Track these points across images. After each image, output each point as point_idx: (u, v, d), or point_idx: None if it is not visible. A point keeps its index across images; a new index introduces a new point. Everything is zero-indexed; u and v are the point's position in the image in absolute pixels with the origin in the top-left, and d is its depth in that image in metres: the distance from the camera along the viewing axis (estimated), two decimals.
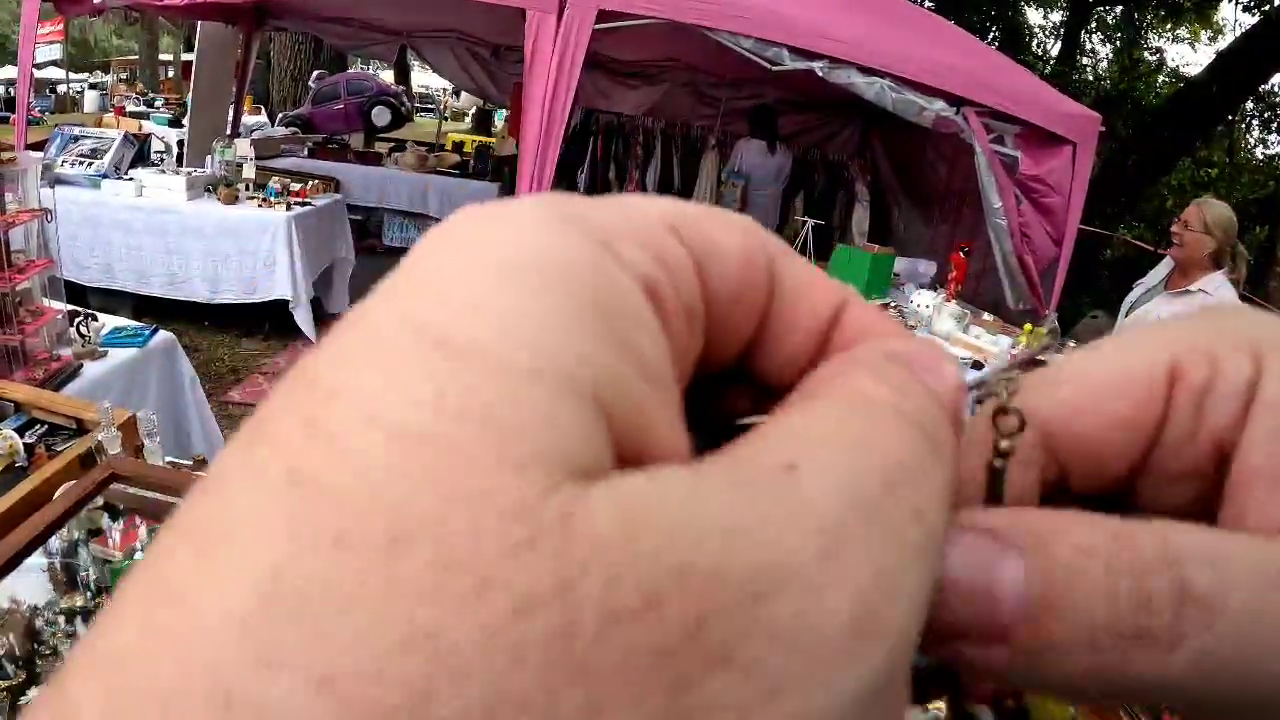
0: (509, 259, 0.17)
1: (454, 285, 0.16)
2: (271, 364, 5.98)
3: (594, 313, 0.16)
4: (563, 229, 0.18)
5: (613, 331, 0.16)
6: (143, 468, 1.95)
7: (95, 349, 3.17)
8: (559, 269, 0.17)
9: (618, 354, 0.16)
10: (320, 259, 6.57)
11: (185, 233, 5.72)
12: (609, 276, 0.17)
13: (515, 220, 0.18)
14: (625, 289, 0.17)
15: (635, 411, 0.16)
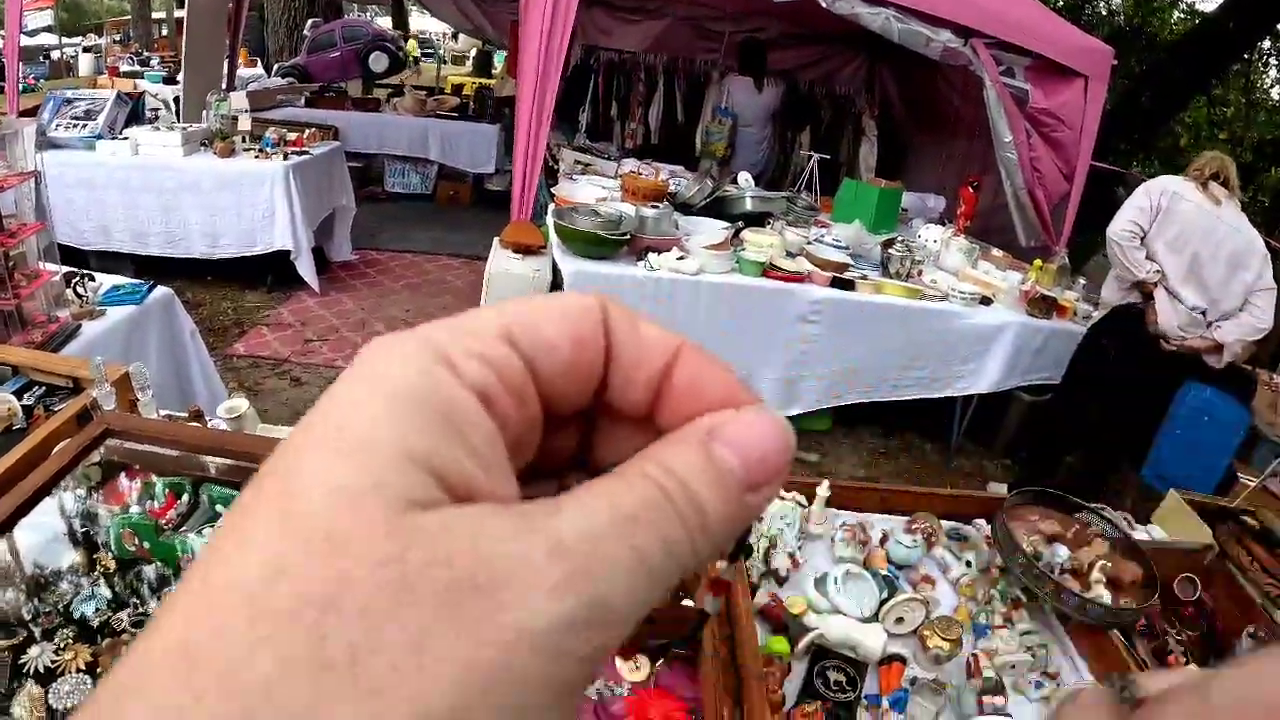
0: (384, 388, 0.25)
1: (350, 405, 0.25)
2: (275, 315, 6.01)
3: (436, 416, 0.25)
4: (421, 360, 0.26)
5: (448, 426, 0.25)
6: (137, 421, 1.96)
7: (93, 309, 3.16)
8: (415, 391, 0.25)
9: (450, 441, 0.25)
10: (320, 208, 6.54)
11: (182, 189, 5.68)
12: (449, 390, 0.26)
13: (393, 356, 0.27)
14: (461, 398, 0.26)
15: (464, 475, 0.24)
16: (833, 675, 1.60)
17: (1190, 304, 3.90)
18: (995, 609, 1.97)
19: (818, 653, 1.65)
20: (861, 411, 5.28)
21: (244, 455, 1.74)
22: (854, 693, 1.58)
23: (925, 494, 2.22)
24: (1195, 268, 3.86)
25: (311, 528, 0.22)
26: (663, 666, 1.49)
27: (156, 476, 1.76)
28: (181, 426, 1.97)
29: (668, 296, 4.40)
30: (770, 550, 1.86)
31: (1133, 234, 3.94)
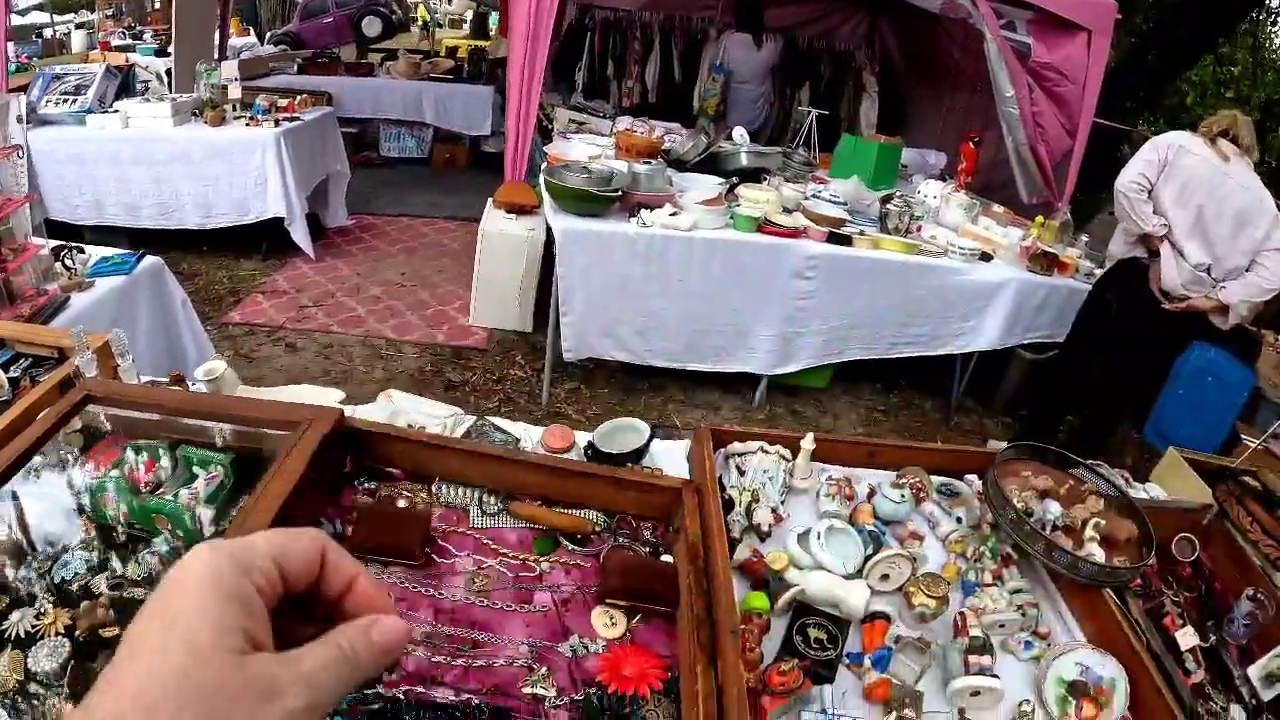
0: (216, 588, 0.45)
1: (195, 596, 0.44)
2: (270, 283, 5.99)
3: (244, 604, 0.45)
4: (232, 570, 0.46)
5: (250, 609, 0.46)
6: (116, 387, 1.95)
7: (81, 281, 3.14)
8: (233, 590, 0.45)
9: (251, 618, 0.45)
10: (313, 174, 6.50)
11: (173, 160, 5.64)
12: (249, 591, 0.46)
13: (216, 564, 0.46)
14: (254, 595, 0.47)
15: (256, 636, 0.45)
16: (813, 633, 1.58)
17: (1194, 260, 3.86)
18: (985, 566, 1.93)
19: (799, 610, 1.63)
20: (860, 369, 5.26)
21: (223, 416, 1.72)
22: (835, 650, 1.56)
23: (915, 448, 2.19)
24: (1200, 222, 3.82)
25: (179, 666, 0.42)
26: (640, 623, 1.47)
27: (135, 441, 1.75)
28: (160, 391, 1.95)
29: (660, 253, 4.35)
30: (753, 505, 1.83)
31: (1140, 186, 3.89)
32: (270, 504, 1.36)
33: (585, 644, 1.40)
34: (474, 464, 1.66)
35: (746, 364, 4.86)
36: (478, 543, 1.59)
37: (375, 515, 1.55)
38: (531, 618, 1.45)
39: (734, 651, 1.28)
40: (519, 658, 1.36)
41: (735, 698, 1.21)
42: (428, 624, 1.39)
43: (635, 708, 1.30)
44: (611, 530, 1.66)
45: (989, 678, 1.58)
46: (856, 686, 1.56)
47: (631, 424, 2.00)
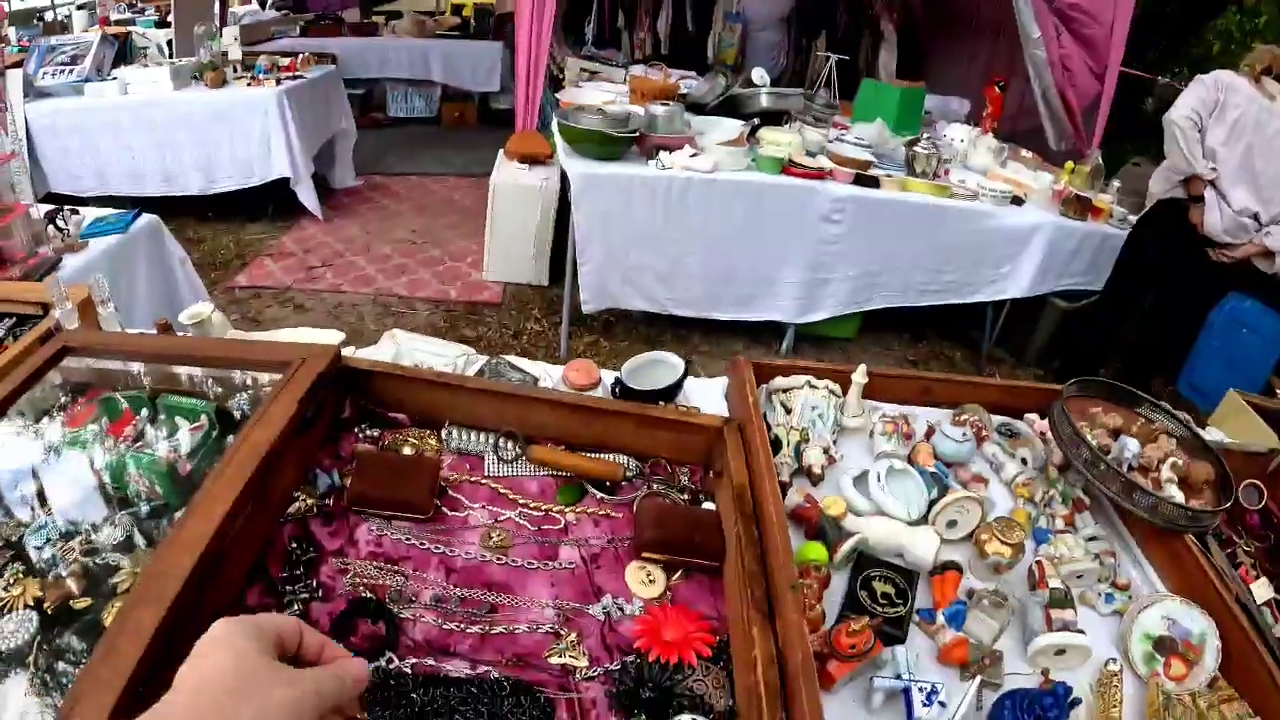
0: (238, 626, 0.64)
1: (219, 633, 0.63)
2: (277, 245, 5.84)
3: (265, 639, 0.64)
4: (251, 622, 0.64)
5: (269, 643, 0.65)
6: (95, 336, 1.84)
7: (75, 242, 3.07)
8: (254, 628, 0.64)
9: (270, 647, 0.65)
10: (318, 133, 6.36)
11: (175, 124, 5.48)
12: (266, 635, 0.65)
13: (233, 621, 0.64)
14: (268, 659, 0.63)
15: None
16: (879, 586, 1.38)
17: (1239, 206, 3.74)
18: (1056, 512, 1.74)
19: (860, 561, 1.44)
20: (887, 319, 5.10)
21: (205, 360, 1.54)
22: (905, 606, 1.37)
23: (973, 383, 1.98)
24: (1248, 163, 3.70)
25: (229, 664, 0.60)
26: (680, 580, 1.29)
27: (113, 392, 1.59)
28: (140, 338, 1.80)
29: (680, 196, 4.16)
30: (802, 445, 1.64)
31: (1194, 121, 3.77)
32: (251, 454, 1.18)
33: (620, 605, 1.22)
34: (488, 405, 1.47)
35: (772, 312, 4.68)
36: (494, 493, 1.41)
37: (377, 464, 1.36)
38: (557, 576, 1.27)
39: (795, 609, 1.08)
40: (543, 623, 1.18)
41: (800, 664, 1.02)
42: (438, 586, 1.21)
43: (680, 677, 1.12)
44: (645, 476, 1.47)
45: (1075, 634, 1.39)
46: (929, 647, 1.38)
47: (663, 358, 1.80)
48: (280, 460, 1.25)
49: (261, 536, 1.23)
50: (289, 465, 1.30)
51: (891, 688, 1.22)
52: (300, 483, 1.35)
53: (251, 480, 1.15)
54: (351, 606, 1.14)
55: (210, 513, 1.08)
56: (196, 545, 1.03)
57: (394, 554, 1.26)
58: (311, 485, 1.36)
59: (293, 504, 1.31)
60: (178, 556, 1.02)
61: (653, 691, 1.09)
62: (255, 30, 7.87)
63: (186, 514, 1.09)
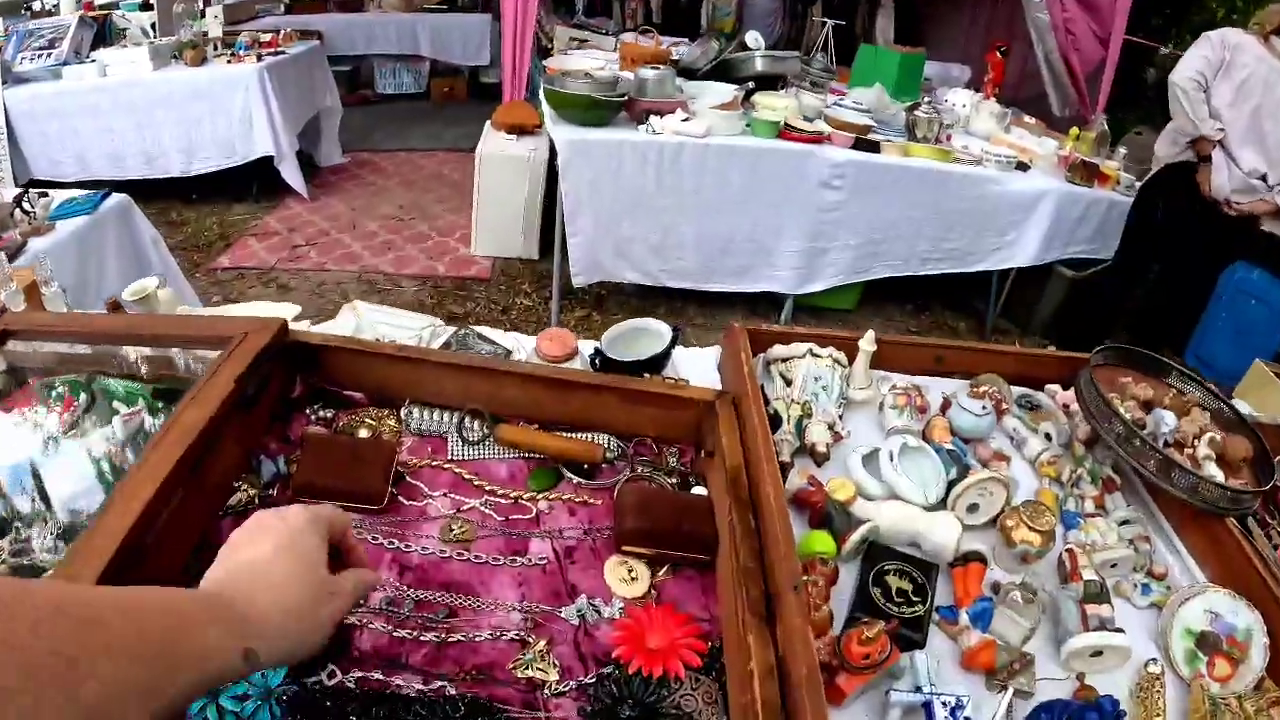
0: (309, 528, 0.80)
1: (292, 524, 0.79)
2: (261, 225, 5.71)
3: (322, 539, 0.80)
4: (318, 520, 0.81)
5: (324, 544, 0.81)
6: (35, 317, 1.70)
7: (41, 225, 3.02)
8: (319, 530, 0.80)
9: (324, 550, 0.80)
10: (302, 110, 6.22)
11: (154, 104, 5.35)
12: (323, 533, 0.81)
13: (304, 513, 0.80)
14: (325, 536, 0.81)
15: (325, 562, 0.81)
16: (894, 582, 1.23)
17: (1248, 167, 3.67)
18: (1085, 493, 1.58)
19: (871, 552, 1.28)
20: (889, 290, 4.98)
21: (143, 339, 1.39)
22: (923, 604, 1.21)
23: (991, 352, 1.82)
24: (1256, 124, 3.64)
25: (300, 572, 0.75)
26: (667, 575, 1.13)
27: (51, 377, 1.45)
28: (78, 316, 1.65)
29: (672, 163, 4.00)
30: (804, 420, 1.48)
31: (1198, 84, 3.71)
32: (181, 436, 1.02)
33: (596, 607, 1.06)
34: (452, 379, 1.31)
35: (770, 283, 4.53)
36: (457, 479, 1.25)
37: (325, 448, 1.20)
38: (526, 573, 1.12)
39: (798, 613, 0.93)
40: (509, 628, 1.03)
41: (804, 678, 0.86)
42: (391, 587, 1.06)
43: (666, 692, 0.96)
44: (627, 458, 1.32)
45: (1114, 633, 1.23)
46: (949, 650, 1.22)
47: (647, 325, 1.64)
48: (217, 444, 1.09)
49: (196, 531, 1.07)
50: (228, 450, 1.15)
51: (910, 702, 1.07)
52: (243, 470, 1.19)
53: (181, 465, 0.99)
54: None
55: (129, 504, 0.93)
56: (111, 542, 0.88)
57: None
58: (255, 473, 1.21)
59: (234, 495, 1.16)
60: (89, 557, 0.87)
61: (634, 710, 0.93)
62: (239, 9, 7.67)
63: (103, 507, 0.94)
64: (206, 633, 0.62)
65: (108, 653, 0.53)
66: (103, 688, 0.51)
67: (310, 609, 0.73)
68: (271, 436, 1.27)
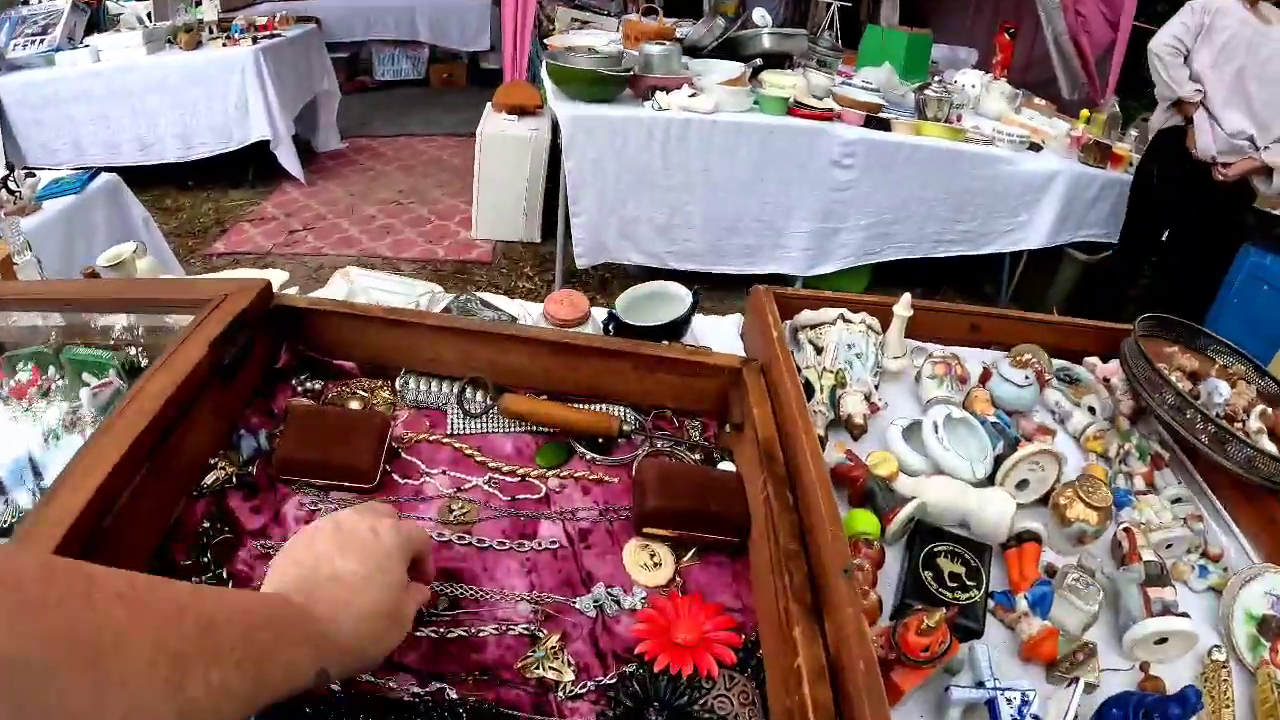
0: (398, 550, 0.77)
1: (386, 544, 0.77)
2: (257, 210, 5.63)
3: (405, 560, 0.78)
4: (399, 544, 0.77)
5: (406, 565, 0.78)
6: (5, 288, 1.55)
7: (27, 205, 2.98)
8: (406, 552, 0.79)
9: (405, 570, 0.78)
10: (299, 93, 6.13)
11: (149, 90, 5.26)
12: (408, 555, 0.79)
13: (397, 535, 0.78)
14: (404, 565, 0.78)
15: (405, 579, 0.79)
16: (946, 565, 1.10)
17: (1232, 129, 3.67)
18: (1134, 469, 1.46)
19: (917, 533, 1.16)
20: (898, 273, 4.82)
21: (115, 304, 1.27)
22: (978, 589, 1.09)
23: (1030, 321, 1.69)
24: (1240, 86, 3.66)
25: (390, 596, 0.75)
26: (692, 560, 1.01)
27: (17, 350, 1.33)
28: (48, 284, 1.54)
29: (679, 140, 3.90)
30: (838, 390, 1.37)
31: (1174, 50, 3.77)
32: (146, 407, 0.89)
33: (615, 597, 0.93)
34: (452, 346, 1.18)
35: (780, 264, 4.43)
36: (457, 455, 1.12)
37: (311, 421, 1.07)
38: (535, 559, 0.98)
39: (851, 601, 0.80)
40: (516, 622, 0.90)
41: (863, 677, 0.74)
42: None
43: (697, 694, 0.84)
44: (645, 431, 1.19)
45: (1180, 618, 1.11)
46: (1005, 639, 1.10)
47: (665, 289, 1.51)
48: (189, 417, 0.96)
49: (165, 514, 0.95)
50: (202, 423, 1.01)
51: (973, 699, 0.95)
52: (221, 446, 1.07)
53: (144, 439, 0.86)
54: None
55: (82, 482, 0.80)
56: (58, 528, 0.75)
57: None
58: (235, 450, 1.08)
59: (210, 473, 1.03)
60: (37, 541, 0.74)
61: (661, 713, 0.81)
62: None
63: (53, 487, 0.81)
64: (298, 651, 0.64)
65: (217, 658, 0.54)
66: (206, 692, 0.52)
67: (384, 638, 0.74)
68: (254, 410, 1.15)
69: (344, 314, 1.20)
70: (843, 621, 0.79)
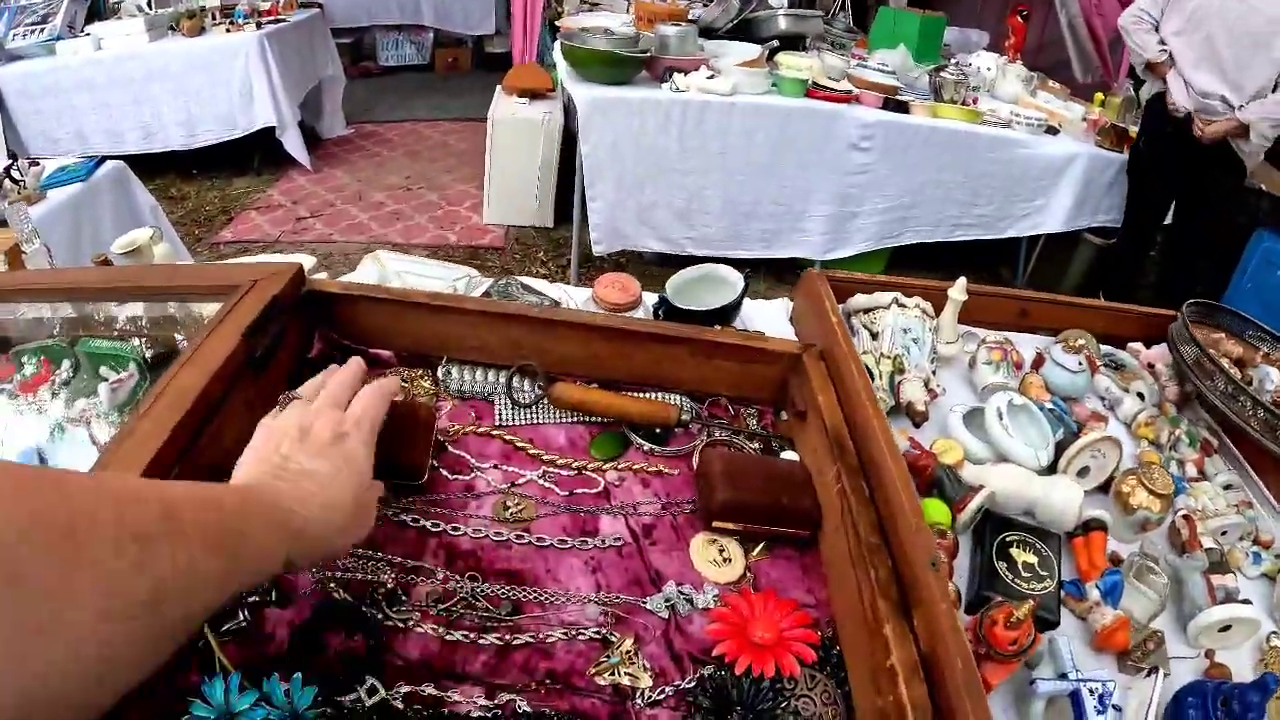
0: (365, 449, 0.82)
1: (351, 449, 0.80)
2: (264, 198, 5.56)
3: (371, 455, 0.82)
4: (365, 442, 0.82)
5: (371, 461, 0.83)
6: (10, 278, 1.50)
7: (32, 194, 2.92)
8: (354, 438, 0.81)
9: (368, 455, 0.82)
10: (304, 79, 6.05)
11: (152, 77, 5.19)
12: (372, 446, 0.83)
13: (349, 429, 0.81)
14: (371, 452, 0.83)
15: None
16: (1019, 555, 1.06)
17: (1203, 89, 3.71)
18: (1185, 456, 1.42)
19: (985, 523, 1.11)
20: (914, 256, 4.82)
21: (132, 292, 1.21)
22: (1051, 580, 1.04)
23: (1079, 306, 1.64)
24: (1210, 50, 3.70)
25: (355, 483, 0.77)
26: (761, 556, 0.96)
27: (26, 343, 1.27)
28: (61, 272, 1.47)
29: (696, 122, 3.84)
30: (897, 378, 1.32)
31: (1139, 19, 3.92)
32: (175, 404, 0.83)
33: (688, 595, 0.88)
34: (497, 332, 1.12)
35: (799, 248, 4.38)
36: (507, 447, 1.07)
37: None
38: (600, 557, 0.93)
39: (943, 596, 0.76)
40: (585, 625, 0.84)
41: (961, 675, 0.70)
42: (438, 580, 0.87)
43: (780, 698, 0.79)
44: (702, 419, 1.14)
45: (1242, 605, 1.09)
46: (1077, 629, 1.06)
47: (715, 272, 1.45)
48: (220, 413, 0.91)
49: None
50: (233, 421, 0.95)
51: (1059, 691, 0.91)
52: None
53: (174, 438, 0.80)
54: (318, 614, 0.80)
55: None
56: None
57: (377, 536, 0.88)
58: None
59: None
60: None
61: (744, 717, 0.77)
62: None
63: None
64: (268, 535, 0.65)
65: (184, 539, 0.54)
66: (174, 572, 0.52)
67: (349, 529, 0.76)
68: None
69: (381, 299, 1.15)
70: (935, 616, 0.74)
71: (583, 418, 1.12)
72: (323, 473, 0.73)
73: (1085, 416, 1.42)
